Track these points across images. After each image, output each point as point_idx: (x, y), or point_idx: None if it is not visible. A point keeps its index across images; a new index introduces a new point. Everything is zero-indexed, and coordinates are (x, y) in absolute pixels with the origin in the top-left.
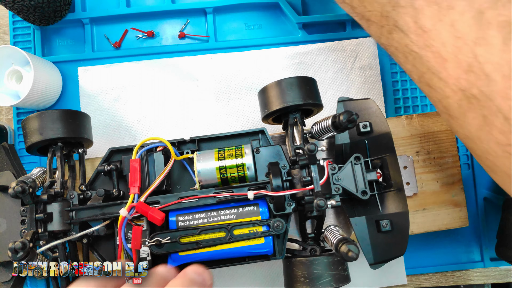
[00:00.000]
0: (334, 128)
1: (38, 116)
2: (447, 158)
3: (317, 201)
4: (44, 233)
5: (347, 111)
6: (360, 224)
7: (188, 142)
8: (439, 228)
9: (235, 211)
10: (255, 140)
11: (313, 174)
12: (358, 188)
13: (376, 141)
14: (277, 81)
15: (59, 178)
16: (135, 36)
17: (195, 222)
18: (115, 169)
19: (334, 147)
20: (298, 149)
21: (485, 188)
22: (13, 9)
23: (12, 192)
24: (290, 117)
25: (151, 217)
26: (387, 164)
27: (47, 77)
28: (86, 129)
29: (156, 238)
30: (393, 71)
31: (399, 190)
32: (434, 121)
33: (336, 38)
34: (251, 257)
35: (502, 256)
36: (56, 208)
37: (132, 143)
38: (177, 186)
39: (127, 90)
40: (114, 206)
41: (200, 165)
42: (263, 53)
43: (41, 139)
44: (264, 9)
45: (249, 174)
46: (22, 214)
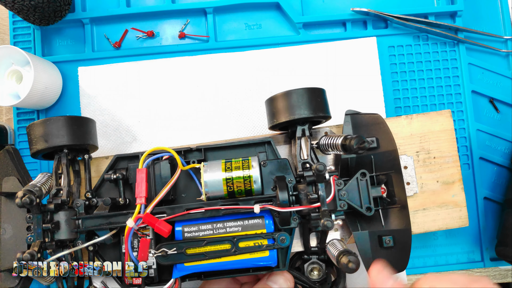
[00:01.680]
0: (343, 150)
1: (44, 123)
2: (447, 158)
3: (325, 222)
4: (52, 242)
5: (358, 136)
6: (362, 239)
7: (194, 150)
8: (439, 228)
9: (241, 223)
10: (262, 153)
11: (321, 192)
12: (362, 204)
13: (382, 157)
14: (286, 92)
15: (65, 186)
16: (135, 36)
17: (201, 234)
18: (122, 178)
19: (340, 160)
20: (306, 163)
21: (485, 188)
22: (13, 9)
23: (20, 203)
24: (298, 128)
25: (158, 229)
26: (392, 181)
27: (47, 77)
28: (91, 135)
29: (162, 249)
30: (393, 71)
31: (403, 207)
32: (434, 121)
33: (336, 38)
34: (255, 268)
35: (502, 256)
36: (62, 217)
37: (132, 143)
38: (183, 194)
39: (127, 90)
40: (121, 216)
41: (207, 176)
42: (263, 53)
43: (46, 146)
44: (264, 9)
45: (256, 187)
46: (28, 221)
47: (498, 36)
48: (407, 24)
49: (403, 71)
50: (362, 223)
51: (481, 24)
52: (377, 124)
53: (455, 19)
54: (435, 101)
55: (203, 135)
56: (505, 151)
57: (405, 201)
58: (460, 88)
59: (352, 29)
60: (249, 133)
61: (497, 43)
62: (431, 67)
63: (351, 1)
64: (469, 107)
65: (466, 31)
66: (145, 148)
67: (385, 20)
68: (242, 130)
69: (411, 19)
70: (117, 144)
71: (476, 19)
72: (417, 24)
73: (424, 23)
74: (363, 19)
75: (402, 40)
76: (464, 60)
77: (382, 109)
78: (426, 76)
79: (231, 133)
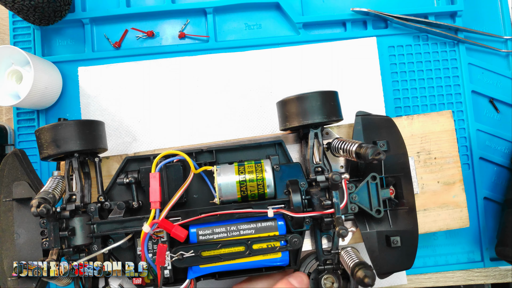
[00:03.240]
0: (357, 157)
1: (55, 128)
2: (448, 159)
3: (340, 231)
4: (69, 249)
5: (373, 146)
6: (370, 238)
7: (205, 151)
8: (440, 229)
9: (254, 225)
10: (274, 156)
11: (335, 200)
12: (372, 206)
13: (392, 160)
14: (299, 96)
15: (78, 191)
16: (135, 36)
17: (215, 236)
18: (134, 181)
19: (350, 161)
20: (318, 167)
21: (485, 188)
22: (13, 9)
23: (35, 213)
24: (310, 132)
25: (174, 235)
26: (401, 184)
27: (47, 77)
28: (102, 138)
29: (180, 252)
30: (393, 71)
31: (411, 209)
32: (435, 122)
33: (336, 38)
34: (267, 267)
35: (502, 256)
36: (78, 223)
37: (132, 143)
38: (194, 195)
39: (127, 90)
40: (136, 221)
41: (220, 179)
42: (263, 53)
43: (58, 151)
44: (264, 9)
45: (269, 191)
46: (42, 226)
47: (498, 36)
48: (407, 24)
49: (403, 71)
50: (371, 222)
51: (481, 24)
52: (388, 127)
53: (455, 19)
54: (435, 101)
55: (203, 135)
56: (505, 151)
57: (413, 203)
58: (460, 88)
59: (352, 29)
60: (250, 133)
61: (497, 43)
62: (431, 67)
63: (351, 1)
64: (469, 107)
65: (466, 31)
66: (145, 148)
67: (385, 20)
68: (242, 130)
69: (411, 19)
70: (117, 144)
71: (476, 19)
72: (417, 24)
73: (424, 23)
74: (363, 19)
75: (402, 40)
76: (464, 60)
77: (382, 109)
78: (426, 76)
79: (231, 133)
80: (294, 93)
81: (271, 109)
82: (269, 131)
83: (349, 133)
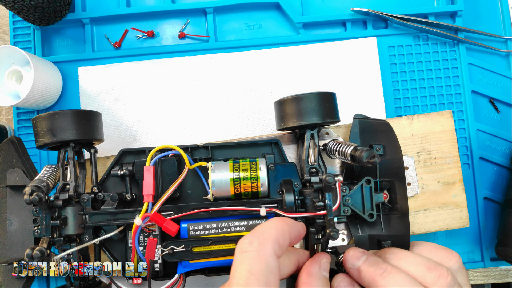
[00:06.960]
0: (352, 160)
1: (51, 116)
2: (448, 159)
3: (331, 233)
4: (60, 238)
5: (369, 150)
6: (362, 242)
7: (201, 147)
8: (440, 229)
9: (245, 223)
10: (269, 155)
11: (327, 202)
12: (365, 209)
13: (387, 164)
14: (296, 96)
15: (72, 181)
16: (135, 36)
17: (206, 232)
18: (128, 174)
19: (346, 163)
20: (313, 168)
21: (485, 188)
22: (13, 9)
23: (28, 200)
24: (307, 133)
25: (165, 229)
26: (395, 188)
27: (47, 77)
28: (98, 129)
29: (170, 247)
30: (393, 71)
31: (404, 215)
32: (435, 122)
33: (336, 38)
34: None
35: (502, 256)
36: (70, 213)
37: (132, 143)
38: (188, 191)
39: (127, 90)
40: (128, 213)
41: (214, 175)
42: (263, 53)
43: (54, 140)
44: (264, 9)
45: (262, 190)
46: (35, 214)
47: (498, 36)
48: (407, 24)
49: (403, 71)
50: (363, 226)
51: (481, 24)
52: (385, 131)
53: (455, 19)
54: (435, 101)
55: (203, 135)
56: (505, 151)
57: (407, 209)
58: (460, 88)
59: (352, 29)
60: (249, 133)
61: (497, 43)
62: (431, 67)
63: (351, 1)
64: (469, 107)
65: (466, 31)
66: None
67: (385, 20)
68: (242, 130)
69: (411, 19)
70: (117, 144)
71: (476, 19)
72: (417, 24)
73: (424, 23)
74: (363, 19)
75: (402, 40)
76: (464, 60)
77: (382, 109)
78: (426, 76)
79: (231, 133)
80: (294, 93)
81: (271, 109)
82: (269, 131)
83: (348, 134)
